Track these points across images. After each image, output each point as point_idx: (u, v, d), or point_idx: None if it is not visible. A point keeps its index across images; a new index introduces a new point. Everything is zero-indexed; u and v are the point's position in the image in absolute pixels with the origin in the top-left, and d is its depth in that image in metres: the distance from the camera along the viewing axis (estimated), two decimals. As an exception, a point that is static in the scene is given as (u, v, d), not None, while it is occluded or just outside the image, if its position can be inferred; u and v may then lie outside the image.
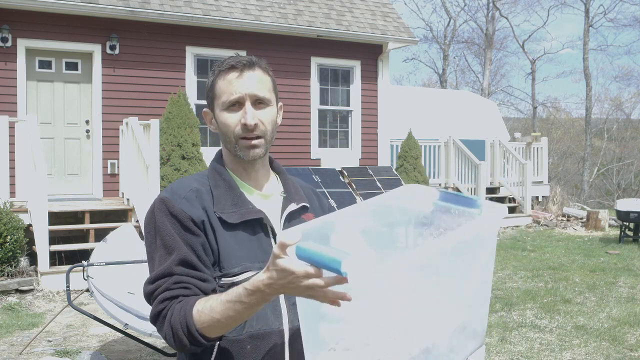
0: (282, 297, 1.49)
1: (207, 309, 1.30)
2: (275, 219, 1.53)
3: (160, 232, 1.44)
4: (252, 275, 1.35)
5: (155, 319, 1.39)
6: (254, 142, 1.50)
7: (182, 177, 1.60)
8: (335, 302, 1.14)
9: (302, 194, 1.63)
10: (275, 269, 1.16)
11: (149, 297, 1.42)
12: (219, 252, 1.44)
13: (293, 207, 1.57)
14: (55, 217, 7.74)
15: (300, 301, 1.22)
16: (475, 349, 1.46)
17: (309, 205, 1.62)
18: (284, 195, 1.59)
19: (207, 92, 1.55)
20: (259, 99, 1.49)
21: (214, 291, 1.41)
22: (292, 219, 1.56)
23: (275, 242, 1.47)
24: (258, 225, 1.50)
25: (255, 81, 1.49)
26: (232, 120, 1.49)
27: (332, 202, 9.76)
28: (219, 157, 1.59)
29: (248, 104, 1.48)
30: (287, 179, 1.64)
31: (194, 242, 1.42)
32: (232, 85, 1.48)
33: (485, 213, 1.37)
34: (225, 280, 1.43)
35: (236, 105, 1.49)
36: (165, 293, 1.38)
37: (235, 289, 1.27)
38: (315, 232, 1.21)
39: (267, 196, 1.57)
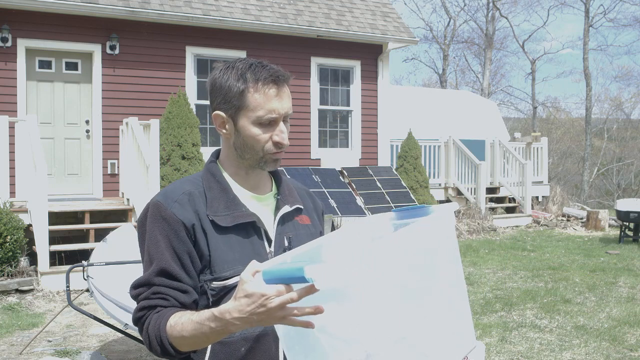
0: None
1: (178, 326, 1.31)
2: (269, 222, 1.52)
3: (147, 238, 1.45)
4: (236, 277, 1.38)
5: (136, 323, 1.44)
6: (281, 155, 1.52)
7: (179, 179, 1.59)
8: (309, 324, 1.14)
9: (296, 195, 1.62)
10: (245, 295, 1.16)
11: (134, 299, 1.46)
12: (210, 255, 1.43)
13: (287, 209, 1.56)
14: (55, 217, 7.74)
15: (284, 340, 1.22)
16: (468, 350, 1.49)
17: (303, 207, 1.61)
18: (278, 197, 1.58)
19: (230, 96, 1.46)
20: (287, 117, 1.50)
21: (194, 302, 1.42)
22: (286, 221, 1.55)
23: (269, 245, 1.49)
24: (251, 228, 1.48)
25: (288, 99, 1.49)
26: (263, 136, 1.47)
27: (332, 202, 9.76)
28: (214, 159, 1.57)
29: (282, 124, 1.48)
30: (281, 180, 1.63)
31: (180, 250, 1.42)
32: (272, 103, 1.44)
33: (436, 211, 1.49)
34: (216, 284, 1.43)
35: (271, 122, 1.46)
36: (144, 302, 1.41)
37: (205, 312, 1.27)
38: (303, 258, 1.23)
39: (261, 198, 1.56)
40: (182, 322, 1.31)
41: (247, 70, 1.45)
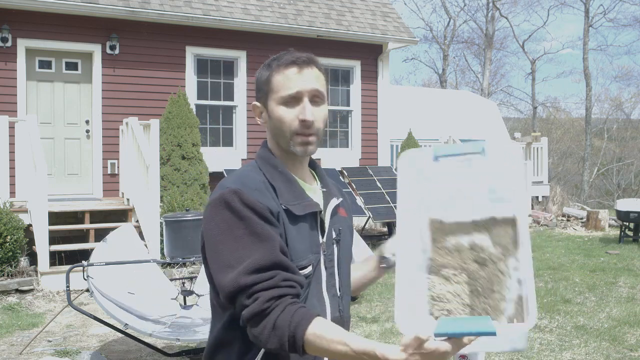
0: (324, 288, 1.51)
1: (326, 339, 1.28)
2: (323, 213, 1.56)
3: (245, 219, 1.37)
4: (309, 266, 1.43)
5: (255, 316, 1.33)
6: (310, 138, 1.50)
7: (238, 169, 1.57)
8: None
9: (334, 188, 1.66)
10: (422, 354, 1.17)
11: (244, 289, 1.34)
12: (287, 244, 1.43)
13: (335, 201, 1.59)
14: (55, 217, 7.74)
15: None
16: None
17: (342, 200, 1.65)
18: (324, 189, 1.60)
19: (261, 85, 1.53)
20: (317, 94, 1.50)
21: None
22: (334, 214, 1.58)
23: (322, 235, 1.51)
24: (313, 218, 1.51)
25: (314, 80, 1.50)
26: (289, 115, 1.48)
27: (332, 202, 9.74)
28: (267, 150, 1.56)
29: (306, 100, 1.48)
30: (322, 173, 1.65)
31: (277, 233, 1.40)
32: (292, 80, 1.48)
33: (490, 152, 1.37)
34: None
35: (293, 100, 1.48)
36: (272, 291, 1.32)
37: (361, 343, 1.25)
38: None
39: (312, 189, 1.57)
40: (330, 339, 1.28)
41: (274, 59, 1.53)
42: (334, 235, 1.55)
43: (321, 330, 1.29)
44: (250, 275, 1.33)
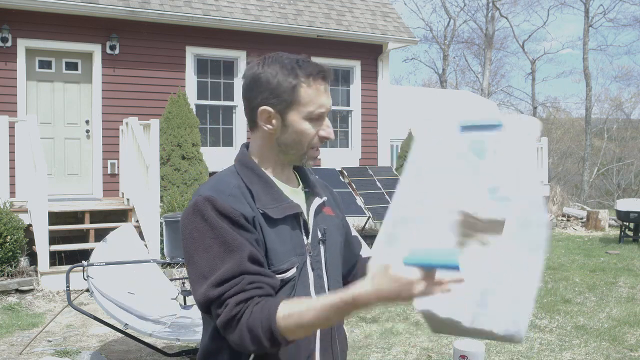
0: (312, 290, 1.50)
1: (295, 314, 1.29)
2: (305, 214, 1.55)
3: (216, 229, 1.38)
4: (292, 269, 1.43)
5: (228, 323, 1.34)
6: (319, 151, 1.55)
7: (214, 175, 1.57)
8: (448, 291, 1.18)
9: (318, 187, 1.65)
10: (390, 280, 1.16)
11: (214, 300, 1.36)
12: (266, 248, 1.43)
13: (318, 201, 1.58)
14: (55, 217, 7.74)
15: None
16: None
17: (326, 198, 1.64)
18: (306, 189, 1.60)
19: (281, 92, 1.45)
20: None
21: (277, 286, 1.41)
22: (317, 213, 1.57)
23: (306, 236, 1.51)
24: (294, 220, 1.50)
25: (329, 94, 1.53)
26: (311, 130, 1.48)
27: (332, 202, 9.74)
28: (245, 155, 1.56)
29: (327, 119, 1.51)
30: (306, 174, 1.65)
31: (251, 239, 1.40)
32: (321, 98, 1.47)
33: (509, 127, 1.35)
34: (277, 277, 1.43)
35: (318, 117, 1.49)
36: (239, 295, 1.33)
37: (328, 298, 1.27)
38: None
39: (295, 191, 1.57)
40: (299, 311, 1.29)
41: (296, 65, 1.46)
42: (319, 236, 1.54)
43: (288, 309, 1.30)
44: (217, 287, 1.34)
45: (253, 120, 1.51)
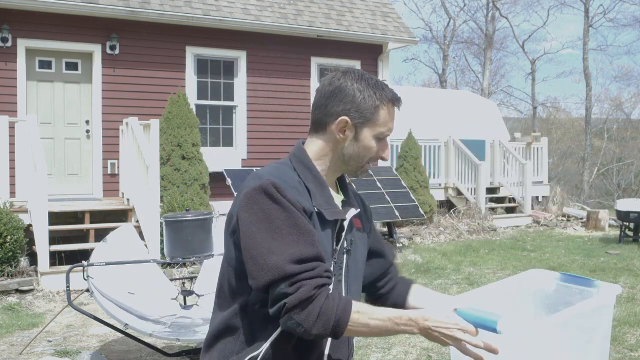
0: None
1: (367, 313, 1.42)
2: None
3: (287, 210, 1.42)
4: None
5: (300, 303, 1.37)
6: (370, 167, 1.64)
7: (271, 164, 1.60)
8: (480, 358, 1.37)
9: (354, 198, 1.71)
10: (449, 318, 1.39)
11: (289, 277, 1.37)
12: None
13: (353, 212, 1.62)
14: (55, 217, 7.74)
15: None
16: None
17: (360, 210, 1.70)
18: (344, 199, 1.65)
19: (364, 109, 1.54)
20: None
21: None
22: (350, 224, 1.62)
23: (336, 243, 1.57)
24: (335, 226, 1.55)
25: None
26: (375, 149, 1.59)
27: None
28: (304, 152, 1.60)
29: (387, 141, 1.62)
30: (345, 183, 1.70)
31: (314, 229, 1.47)
32: (392, 121, 1.60)
33: (602, 290, 1.64)
34: None
35: (384, 138, 1.59)
36: (317, 280, 1.39)
37: (398, 313, 1.43)
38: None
39: (337, 199, 1.62)
40: (370, 312, 1.42)
41: (378, 87, 1.57)
42: (345, 245, 1.58)
43: (360, 306, 1.42)
44: (295, 264, 1.37)
45: (323, 124, 1.57)
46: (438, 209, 12.21)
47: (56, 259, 7.53)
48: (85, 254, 6.72)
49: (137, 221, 8.04)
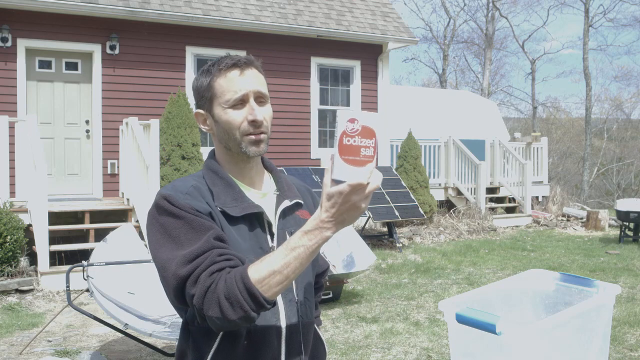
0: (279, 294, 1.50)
1: (264, 267, 1.28)
2: (271, 217, 1.55)
3: (180, 217, 1.40)
4: None
5: (205, 297, 1.30)
6: (261, 136, 1.51)
7: (178, 178, 1.60)
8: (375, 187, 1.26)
9: (295, 190, 1.64)
10: (327, 199, 1.24)
11: (186, 279, 1.33)
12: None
13: (287, 203, 1.58)
14: (55, 217, 7.74)
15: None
16: None
17: (302, 202, 1.64)
18: (277, 192, 1.61)
19: (202, 92, 1.54)
20: (261, 95, 1.52)
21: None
22: (286, 216, 1.57)
23: (272, 239, 1.52)
24: (256, 221, 1.51)
25: (256, 80, 1.52)
26: (237, 117, 1.49)
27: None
28: (212, 158, 1.60)
29: (252, 101, 1.50)
30: (279, 176, 1.66)
31: (214, 225, 1.42)
32: (236, 83, 1.49)
33: (602, 291, 1.65)
34: None
35: (240, 103, 1.49)
36: (212, 267, 1.32)
37: (292, 238, 1.29)
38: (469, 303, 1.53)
39: (263, 194, 1.58)
40: (267, 262, 1.29)
41: (212, 64, 1.53)
42: (287, 238, 1.51)
43: (256, 264, 1.30)
44: (188, 264, 1.33)
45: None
46: (438, 209, 12.21)
47: (56, 259, 7.53)
48: (85, 254, 6.73)
49: (137, 221, 8.04)
